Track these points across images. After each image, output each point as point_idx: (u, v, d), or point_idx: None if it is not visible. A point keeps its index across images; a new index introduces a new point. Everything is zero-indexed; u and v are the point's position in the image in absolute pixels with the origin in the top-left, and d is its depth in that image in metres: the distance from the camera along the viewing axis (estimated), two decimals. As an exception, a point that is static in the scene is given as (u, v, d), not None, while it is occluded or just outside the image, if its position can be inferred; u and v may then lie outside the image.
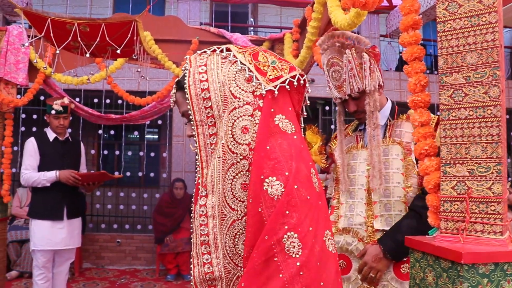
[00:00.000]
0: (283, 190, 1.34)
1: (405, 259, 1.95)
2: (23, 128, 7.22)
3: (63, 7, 9.06)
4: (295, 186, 1.34)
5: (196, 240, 1.51)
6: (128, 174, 7.97)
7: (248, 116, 1.44)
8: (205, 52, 1.51)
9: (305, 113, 1.58)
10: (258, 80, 1.44)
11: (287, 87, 1.45)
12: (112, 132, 8.21)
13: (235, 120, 1.45)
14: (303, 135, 1.56)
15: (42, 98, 6.10)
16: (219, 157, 1.49)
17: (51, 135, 4.27)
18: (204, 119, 1.49)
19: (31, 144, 4.21)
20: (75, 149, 4.44)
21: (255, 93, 1.44)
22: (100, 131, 7.61)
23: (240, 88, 1.46)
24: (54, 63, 4.35)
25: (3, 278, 4.81)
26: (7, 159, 4.76)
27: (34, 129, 7.27)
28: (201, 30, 5.01)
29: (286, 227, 1.31)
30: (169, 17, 5.11)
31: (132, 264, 7.46)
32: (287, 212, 1.32)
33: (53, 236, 4.07)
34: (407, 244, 1.61)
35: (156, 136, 10.08)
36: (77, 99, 5.75)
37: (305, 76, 1.51)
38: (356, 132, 2.26)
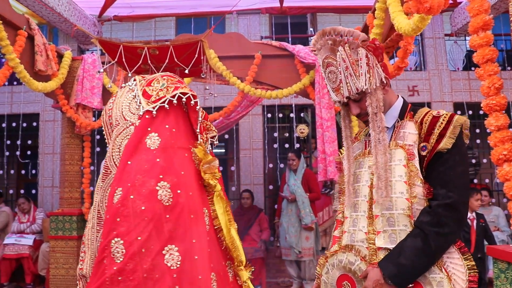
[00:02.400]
0: (120, 199, 1.46)
1: (411, 285, 1.66)
2: (98, 149, 7.60)
3: (129, 32, 9.47)
4: (131, 197, 1.44)
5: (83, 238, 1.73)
6: (198, 188, 8.15)
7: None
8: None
9: (214, 133, 1.80)
10: (141, 103, 1.63)
11: (167, 106, 1.60)
12: (181, 148, 8.45)
13: (122, 140, 1.66)
14: (188, 151, 1.64)
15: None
16: (103, 171, 1.74)
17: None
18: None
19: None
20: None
21: (139, 115, 1.63)
22: (170, 148, 7.85)
23: (131, 112, 1.65)
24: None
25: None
26: (86, 178, 5.04)
27: (108, 149, 7.60)
28: (263, 44, 5.09)
29: (114, 232, 1.42)
30: (231, 34, 5.23)
31: (205, 277, 7.59)
32: (118, 220, 1.42)
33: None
34: (489, 253, 1.54)
35: (223, 150, 10.25)
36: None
37: (196, 97, 1.64)
38: (366, 137, 1.99)
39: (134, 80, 1.74)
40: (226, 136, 7.83)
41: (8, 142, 8.20)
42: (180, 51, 3.15)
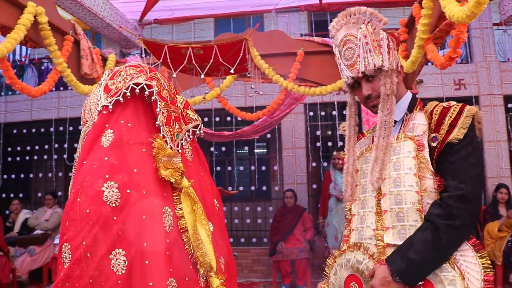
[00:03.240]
0: (69, 202, 1.40)
1: (421, 283, 1.55)
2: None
3: (169, 35, 9.58)
4: (78, 199, 1.36)
5: None
6: (241, 188, 8.17)
7: None
8: None
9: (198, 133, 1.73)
10: (101, 98, 1.54)
11: (121, 99, 1.48)
12: (223, 148, 8.49)
13: (84, 135, 1.59)
14: (147, 146, 1.50)
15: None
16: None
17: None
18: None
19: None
20: (194, 167, 4.63)
21: (98, 111, 1.54)
22: (212, 148, 7.90)
23: (96, 108, 1.56)
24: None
25: None
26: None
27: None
28: (305, 41, 5.02)
29: (64, 237, 1.36)
30: (272, 32, 5.19)
31: (249, 277, 7.58)
32: (67, 224, 1.36)
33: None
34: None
35: (265, 150, 10.23)
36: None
37: (153, 86, 1.51)
38: (373, 132, 1.85)
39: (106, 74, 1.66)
40: (268, 136, 7.81)
41: (56, 145, 8.45)
42: (224, 50, 3.13)
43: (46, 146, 8.89)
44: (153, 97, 1.51)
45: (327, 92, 4.87)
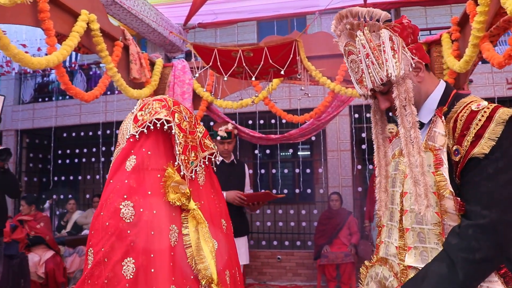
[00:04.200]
0: (95, 215, 1.74)
1: None
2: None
3: (212, 38, 9.68)
4: (101, 213, 1.70)
5: None
6: (285, 191, 8.14)
7: None
8: None
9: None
10: (130, 127, 1.84)
11: (145, 131, 1.77)
12: (267, 151, 8.48)
13: (115, 156, 1.90)
14: (163, 172, 1.77)
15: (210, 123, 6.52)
16: None
17: (218, 159, 4.51)
18: None
19: (201, 168, 4.50)
20: (240, 170, 4.64)
21: (126, 138, 1.84)
22: (256, 151, 7.91)
23: (126, 134, 1.87)
24: (216, 90, 4.64)
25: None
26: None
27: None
28: (351, 42, 4.93)
29: (90, 243, 1.70)
30: (319, 34, 5.13)
31: (293, 280, 7.55)
32: (92, 232, 1.72)
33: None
34: None
35: (309, 153, 10.16)
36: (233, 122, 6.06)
37: (171, 121, 1.78)
38: None
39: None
40: (313, 138, 7.75)
41: (103, 148, 8.67)
42: (274, 52, 3.11)
43: (94, 149, 9.15)
44: (172, 131, 1.82)
45: (375, 93, 4.78)
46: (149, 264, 1.68)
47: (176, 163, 1.80)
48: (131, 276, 1.63)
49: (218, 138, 4.42)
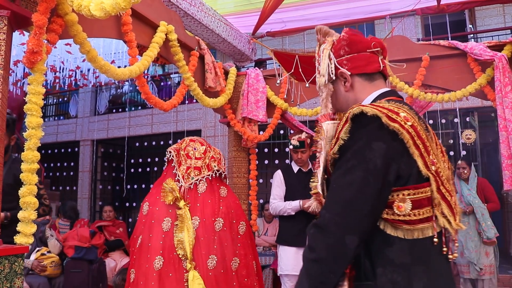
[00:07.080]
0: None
1: None
2: (266, 161, 7.79)
3: (279, 47, 9.68)
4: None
5: None
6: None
7: None
8: None
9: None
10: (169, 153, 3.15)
11: (166, 161, 3.22)
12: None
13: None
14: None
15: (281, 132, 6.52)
16: None
17: (295, 167, 4.47)
18: None
19: (278, 176, 4.47)
20: (317, 178, 4.55)
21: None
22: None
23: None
24: (294, 97, 4.61)
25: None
26: (253, 191, 5.14)
27: (276, 161, 7.79)
28: (430, 45, 4.75)
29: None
30: (395, 38, 4.98)
31: None
32: (143, 220, 2.87)
33: (298, 262, 4.19)
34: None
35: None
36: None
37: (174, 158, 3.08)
38: None
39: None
40: (385, 145, 7.55)
41: (175, 157, 8.84)
42: (356, 57, 3.02)
43: (165, 158, 9.36)
44: (172, 164, 3.04)
45: (457, 98, 4.56)
46: (148, 240, 2.73)
47: (176, 177, 2.92)
48: (137, 246, 2.78)
49: (291, 147, 4.37)
